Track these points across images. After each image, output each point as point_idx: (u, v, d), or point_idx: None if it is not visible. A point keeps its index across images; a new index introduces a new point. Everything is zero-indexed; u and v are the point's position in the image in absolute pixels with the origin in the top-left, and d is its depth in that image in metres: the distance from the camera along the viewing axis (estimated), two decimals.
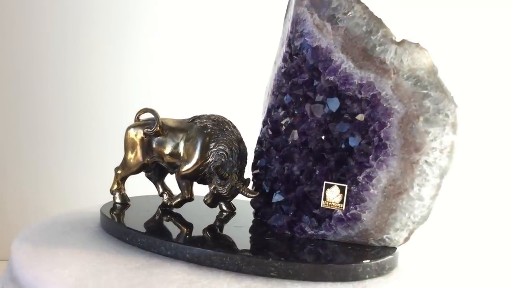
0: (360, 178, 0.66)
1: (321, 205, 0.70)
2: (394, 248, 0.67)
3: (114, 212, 0.80)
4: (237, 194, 0.82)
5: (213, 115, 0.83)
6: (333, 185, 0.69)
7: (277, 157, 0.76)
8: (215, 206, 0.84)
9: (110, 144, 1.16)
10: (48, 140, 1.37)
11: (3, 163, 1.35)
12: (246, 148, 0.82)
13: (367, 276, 0.61)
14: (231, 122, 0.82)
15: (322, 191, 0.70)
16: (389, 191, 0.65)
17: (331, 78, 0.68)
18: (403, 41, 0.65)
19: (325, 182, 0.69)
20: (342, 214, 0.68)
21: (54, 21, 1.32)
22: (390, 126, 0.65)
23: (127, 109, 1.21)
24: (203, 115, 0.83)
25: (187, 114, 0.86)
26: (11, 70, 1.32)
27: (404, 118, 0.64)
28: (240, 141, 0.81)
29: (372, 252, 0.66)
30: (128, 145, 0.85)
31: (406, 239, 0.67)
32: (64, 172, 1.37)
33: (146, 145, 0.83)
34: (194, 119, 0.83)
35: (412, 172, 0.64)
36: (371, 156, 0.66)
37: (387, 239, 0.67)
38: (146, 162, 0.84)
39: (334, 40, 0.68)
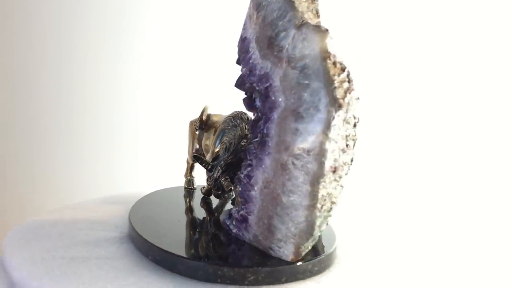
0: (242, 176, 0.61)
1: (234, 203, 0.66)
2: (286, 262, 0.58)
3: (139, 206, 0.83)
4: (224, 188, 0.84)
5: (237, 111, 0.87)
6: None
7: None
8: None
9: (103, 142, 1.20)
10: (42, 139, 1.35)
11: None
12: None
13: (219, 280, 0.56)
14: (248, 118, 0.84)
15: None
16: (265, 194, 0.57)
17: (243, 70, 0.64)
18: (302, 25, 0.56)
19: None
20: (236, 213, 0.63)
21: (49, 20, 1.30)
22: (272, 122, 0.57)
23: (121, 108, 1.26)
24: (235, 111, 0.88)
25: (182, 114, 0.90)
26: (7, 69, 1.31)
27: (282, 112, 0.56)
28: (243, 137, 0.82)
29: (265, 261, 0.59)
30: (188, 137, 0.98)
31: (297, 255, 0.57)
32: (57, 170, 1.36)
33: (196, 138, 0.94)
34: (229, 115, 0.88)
35: (281, 175, 0.55)
36: (254, 153, 0.59)
37: (276, 249, 0.59)
38: (195, 153, 0.95)
39: (254, 29, 0.64)
